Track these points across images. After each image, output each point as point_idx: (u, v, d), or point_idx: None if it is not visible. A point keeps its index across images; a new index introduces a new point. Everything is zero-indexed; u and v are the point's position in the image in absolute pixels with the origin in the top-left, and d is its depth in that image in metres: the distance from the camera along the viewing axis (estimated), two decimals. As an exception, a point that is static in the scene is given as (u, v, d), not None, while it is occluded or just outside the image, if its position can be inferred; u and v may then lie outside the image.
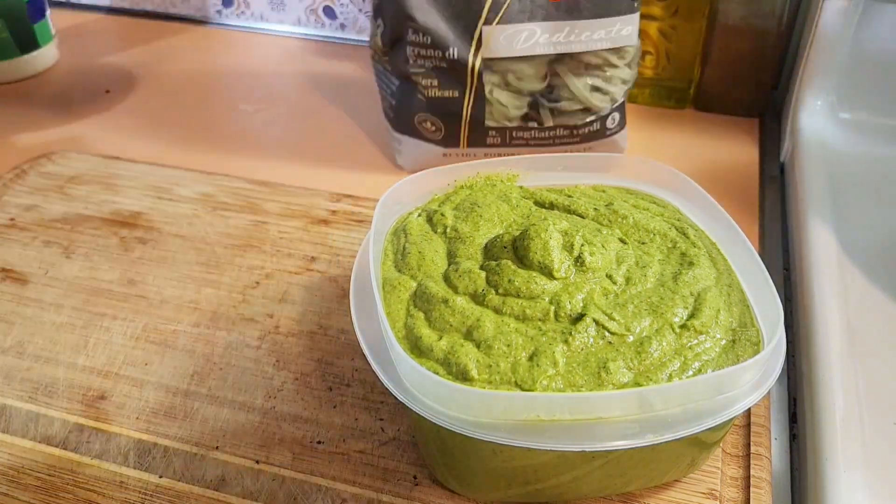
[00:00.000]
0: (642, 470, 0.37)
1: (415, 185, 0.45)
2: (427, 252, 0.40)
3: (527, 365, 0.34)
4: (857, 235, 0.56)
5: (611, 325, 0.35)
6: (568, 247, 0.38)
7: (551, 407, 0.32)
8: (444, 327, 0.36)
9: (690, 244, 0.40)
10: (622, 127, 0.63)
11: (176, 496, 0.40)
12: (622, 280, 0.38)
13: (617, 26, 0.57)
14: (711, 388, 0.33)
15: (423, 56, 0.58)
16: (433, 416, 0.33)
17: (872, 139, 0.66)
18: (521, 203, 0.43)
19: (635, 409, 0.33)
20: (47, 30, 0.82)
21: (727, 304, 0.37)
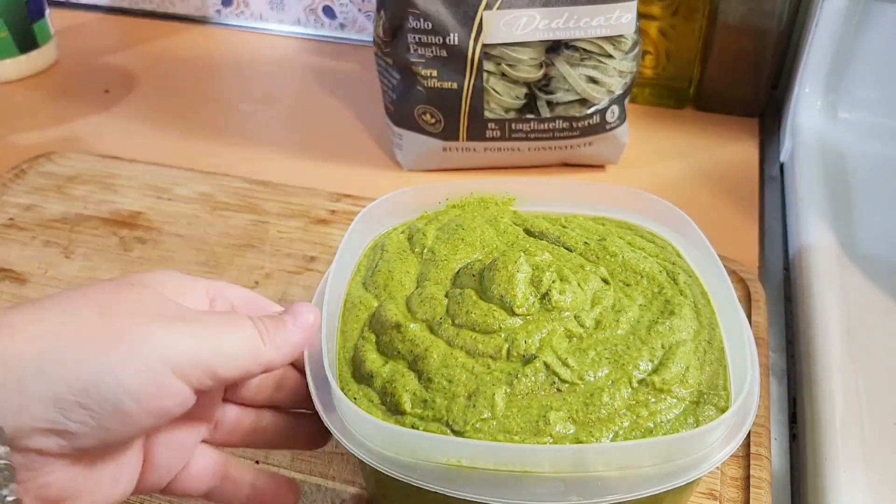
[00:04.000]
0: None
1: (405, 198, 0.43)
2: (397, 272, 0.38)
3: (463, 404, 0.32)
4: (857, 235, 0.56)
5: (562, 371, 0.33)
6: (536, 282, 0.35)
7: (474, 454, 0.29)
8: (392, 353, 0.34)
9: (677, 291, 0.37)
10: (622, 121, 0.63)
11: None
12: (592, 323, 0.35)
13: (616, 13, 0.58)
14: (656, 453, 0.30)
15: (423, 44, 0.58)
16: (354, 448, 0.31)
17: (872, 139, 0.66)
18: (510, 229, 0.41)
19: (568, 467, 0.30)
20: (46, 29, 0.82)
21: (700, 361, 0.34)
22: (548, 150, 0.64)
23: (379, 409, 0.33)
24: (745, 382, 0.32)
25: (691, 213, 0.61)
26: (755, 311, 0.50)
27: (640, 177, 0.66)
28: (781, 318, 0.54)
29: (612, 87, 0.61)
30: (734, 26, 0.68)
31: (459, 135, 0.62)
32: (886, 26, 0.64)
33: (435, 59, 0.59)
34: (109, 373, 0.26)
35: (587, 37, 0.58)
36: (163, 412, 0.27)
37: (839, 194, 0.60)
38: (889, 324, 0.49)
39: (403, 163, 0.66)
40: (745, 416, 0.32)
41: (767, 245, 0.60)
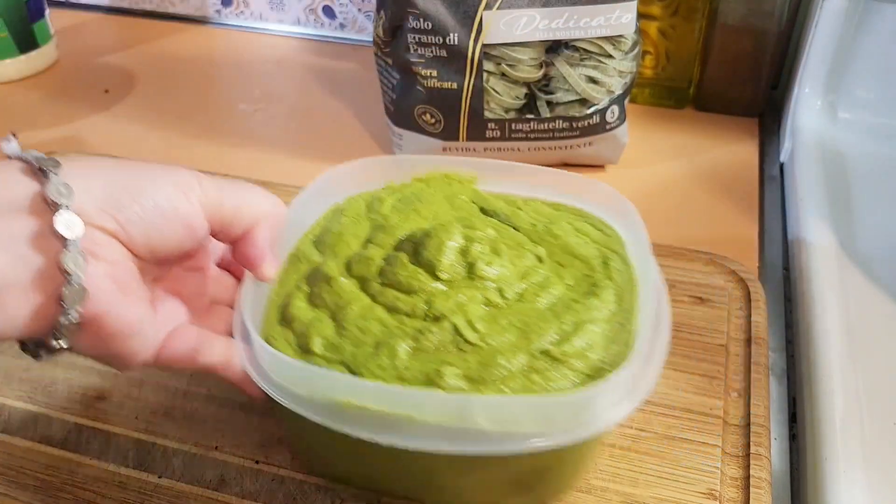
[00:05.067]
0: (455, 481, 0.36)
1: (370, 169, 0.45)
2: (346, 234, 0.41)
3: (368, 352, 0.34)
4: (857, 235, 0.56)
5: (468, 333, 0.34)
6: (465, 252, 0.37)
7: (361, 393, 0.32)
8: (319, 303, 0.37)
9: (605, 276, 0.38)
10: (622, 121, 0.63)
11: (175, 496, 0.40)
12: (514, 295, 0.37)
13: (616, 13, 0.58)
14: (535, 412, 0.31)
15: (423, 44, 0.58)
16: (260, 381, 0.34)
17: (872, 139, 0.66)
18: (466, 206, 0.43)
19: (453, 418, 0.31)
20: (46, 29, 0.82)
21: (607, 340, 0.35)
22: (548, 150, 0.64)
23: (292, 349, 0.36)
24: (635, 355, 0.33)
25: (691, 212, 0.61)
26: (755, 311, 0.50)
27: (640, 177, 0.66)
28: (781, 317, 0.54)
29: (611, 87, 0.61)
30: (734, 26, 0.68)
31: (459, 135, 0.62)
32: (886, 26, 0.64)
33: (435, 59, 0.59)
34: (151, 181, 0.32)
35: (587, 37, 0.59)
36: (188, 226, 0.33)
37: (839, 194, 0.60)
38: (889, 324, 0.49)
39: (403, 163, 0.66)
40: (635, 385, 0.33)
41: (767, 245, 0.60)
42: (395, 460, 0.35)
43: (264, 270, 0.37)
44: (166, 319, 0.36)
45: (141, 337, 0.33)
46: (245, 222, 0.36)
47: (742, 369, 0.46)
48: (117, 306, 0.31)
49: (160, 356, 0.35)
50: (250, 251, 0.37)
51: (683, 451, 0.42)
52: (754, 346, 0.48)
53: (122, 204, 0.31)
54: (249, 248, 0.37)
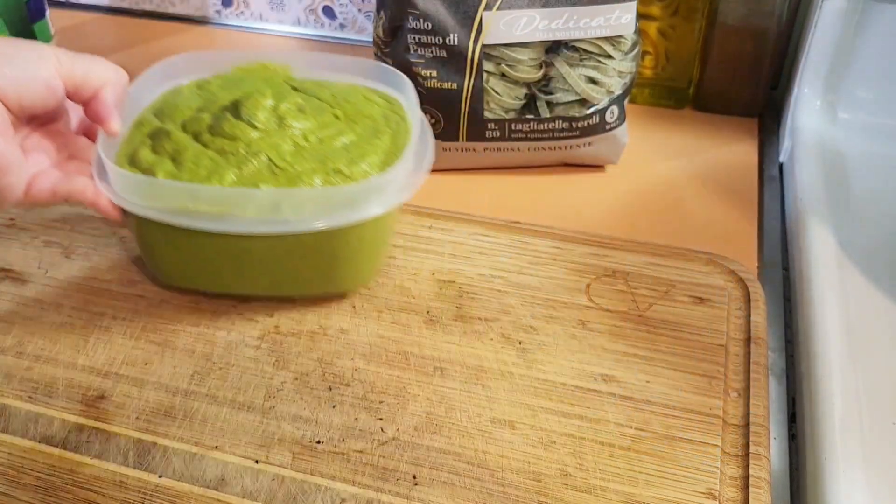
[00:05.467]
0: (281, 268, 0.48)
1: (200, 60, 0.54)
2: (181, 105, 0.50)
3: (203, 178, 0.44)
4: (856, 235, 0.56)
5: (280, 162, 0.45)
6: (276, 109, 0.48)
7: (196, 196, 0.43)
8: (160, 151, 0.46)
9: (386, 126, 0.49)
10: (622, 121, 0.63)
11: (175, 496, 0.40)
12: (315, 140, 0.47)
13: (616, 14, 0.58)
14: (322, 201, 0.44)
15: (423, 44, 0.58)
16: (119, 198, 0.44)
17: (872, 139, 0.66)
18: (279, 84, 0.51)
19: (267, 211, 0.43)
20: (47, 29, 0.82)
21: (383, 164, 0.47)
22: (547, 150, 0.64)
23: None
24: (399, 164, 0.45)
25: (690, 212, 0.61)
26: (754, 311, 0.50)
27: (640, 177, 0.66)
28: (781, 317, 0.54)
29: (611, 88, 0.61)
30: (734, 26, 0.69)
31: (459, 135, 0.62)
32: (886, 27, 0.64)
33: (435, 60, 0.59)
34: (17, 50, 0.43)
35: (587, 37, 0.59)
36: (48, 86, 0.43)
37: (838, 194, 0.60)
38: (888, 323, 0.49)
39: (403, 163, 0.67)
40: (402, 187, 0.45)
41: (766, 245, 0.60)
42: (230, 257, 0.47)
43: (112, 125, 0.46)
44: (33, 164, 0.45)
45: (14, 176, 0.43)
46: (94, 85, 0.45)
47: (742, 369, 0.47)
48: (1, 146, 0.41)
49: (29, 193, 0.44)
50: (99, 109, 0.46)
51: (683, 451, 0.42)
52: (754, 346, 0.48)
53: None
54: (98, 107, 0.46)
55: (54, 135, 0.47)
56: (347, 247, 0.48)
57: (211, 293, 0.52)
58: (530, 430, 0.43)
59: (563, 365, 0.47)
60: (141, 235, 0.49)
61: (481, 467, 0.41)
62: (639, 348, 0.48)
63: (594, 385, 0.46)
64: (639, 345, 0.48)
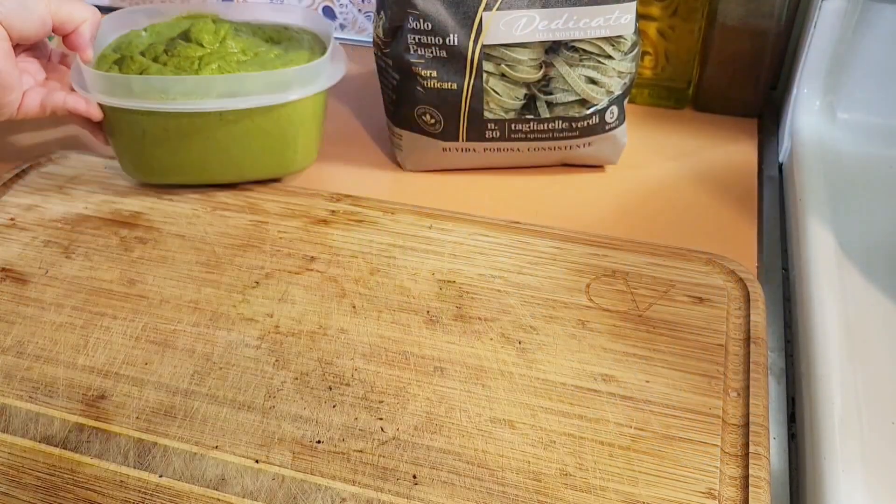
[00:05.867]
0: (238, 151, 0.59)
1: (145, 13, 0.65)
2: (135, 42, 0.61)
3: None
4: (856, 235, 0.56)
5: (227, 68, 0.58)
6: (217, 33, 0.60)
7: (166, 89, 0.55)
8: (127, 72, 0.57)
9: (308, 47, 0.62)
10: (622, 122, 0.63)
11: (176, 495, 0.40)
12: (253, 54, 0.60)
13: (615, 14, 0.58)
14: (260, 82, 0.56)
15: (422, 44, 0.59)
16: (89, 94, 0.56)
17: (871, 139, 0.66)
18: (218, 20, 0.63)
19: (224, 94, 0.56)
20: (47, 30, 0.82)
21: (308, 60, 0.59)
22: (547, 150, 0.64)
23: None
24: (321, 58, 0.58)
25: (690, 213, 0.61)
26: (754, 311, 0.50)
27: (640, 177, 0.66)
28: (780, 317, 0.54)
29: (611, 88, 0.61)
30: (733, 27, 0.69)
31: (459, 135, 0.62)
32: (885, 27, 0.64)
33: (435, 60, 0.59)
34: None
35: (586, 37, 0.59)
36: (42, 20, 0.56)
37: (838, 194, 0.60)
38: (888, 323, 0.49)
39: (403, 163, 0.67)
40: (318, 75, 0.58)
41: (766, 245, 0.60)
42: (195, 146, 0.59)
43: (87, 53, 0.58)
44: (24, 83, 0.57)
45: (15, 93, 0.55)
46: (75, 21, 0.57)
47: (741, 369, 0.47)
48: (7, 66, 0.54)
49: (20, 109, 0.56)
50: (77, 40, 0.58)
51: (683, 451, 0.42)
52: (753, 346, 0.48)
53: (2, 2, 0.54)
54: (76, 38, 0.58)
55: (38, 59, 0.60)
56: (285, 124, 0.59)
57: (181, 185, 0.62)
58: (530, 429, 0.43)
59: (562, 365, 0.47)
60: (115, 134, 0.59)
61: (481, 467, 0.41)
62: (638, 348, 0.48)
63: (594, 385, 0.46)
64: (638, 345, 0.48)
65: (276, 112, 0.58)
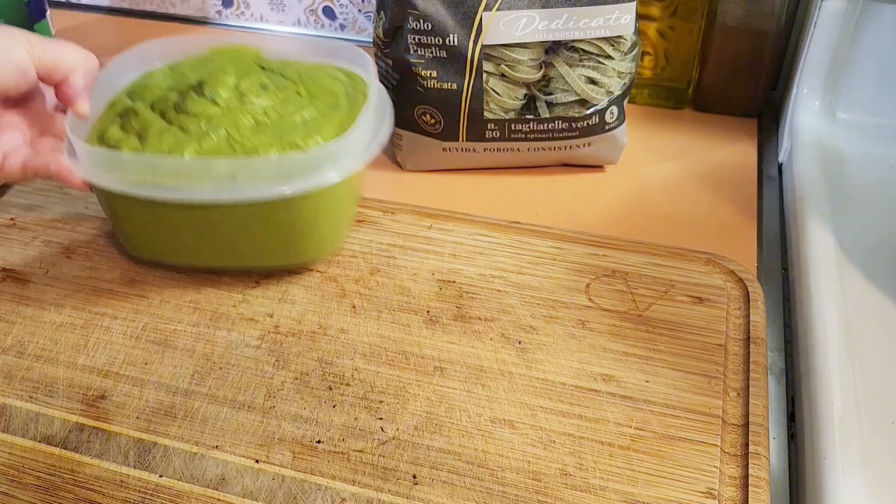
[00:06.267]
0: (243, 239, 0.50)
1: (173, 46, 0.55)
2: (153, 86, 0.51)
3: (164, 153, 0.46)
4: (856, 235, 0.56)
5: (238, 137, 0.47)
6: (238, 86, 0.49)
7: (156, 169, 0.45)
8: (128, 129, 0.48)
9: (346, 101, 0.51)
10: (622, 122, 0.63)
11: (176, 495, 0.40)
12: (276, 117, 0.48)
13: (615, 14, 0.58)
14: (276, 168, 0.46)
15: (423, 45, 0.59)
16: (85, 172, 0.46)
17: (870, 139, 0.66)
18: (247, 64, 0.52)
19: (223, 181, 0.45)
20: (47, 30, 0.82)
21: (336, 136, 0.48)
22: (547, 150, 0.64)
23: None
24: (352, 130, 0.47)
25: (690, 212, 0.61)
26: (753, 311, 0.50)
27: (640, 177, 0.66)
28: (780, 317, 0.54)
29: (611, 88, 0.61)
30: (733, 27, 0.69)
31: (459, 135, 0.63)
32: (884, 27, 0.64)
33: (434, 60, 0.59)
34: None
35: (586, 38, 0.59)
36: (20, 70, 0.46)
37: (837, 194, 0.60)
38: (887, 323, 0.49)
39: (403, 163, 0.67)
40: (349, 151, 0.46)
41: (766, 245, 0.60)
42: (192, 228, 0.49)
43: (79, 107, 0.48)
44: (6, 142, 0.48)
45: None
46: (63, 69, 0.47)
47: (741, 369, 0.47)
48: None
49: (2, 171, 0.47)
50: (68, 92, 0.48)
51: (682, 451, 0.42)
52: (753, 346, 0.48)
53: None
54: (68, 90, 0.48)
55: (28, 113, 0.50)
56: (303, 215, 0.49)
57: (182, 266, 0.54)
58: (530, 429, 0.43)
59: (562, 365, 0.47)
60: (109, 208, 0.52)
61: (481, 467, 0.41)
62: (638, 348, 0.48)
63: (594, 385, 0.46)
64: (638, 345, 0.48)
65: (290, 200, 0.47)
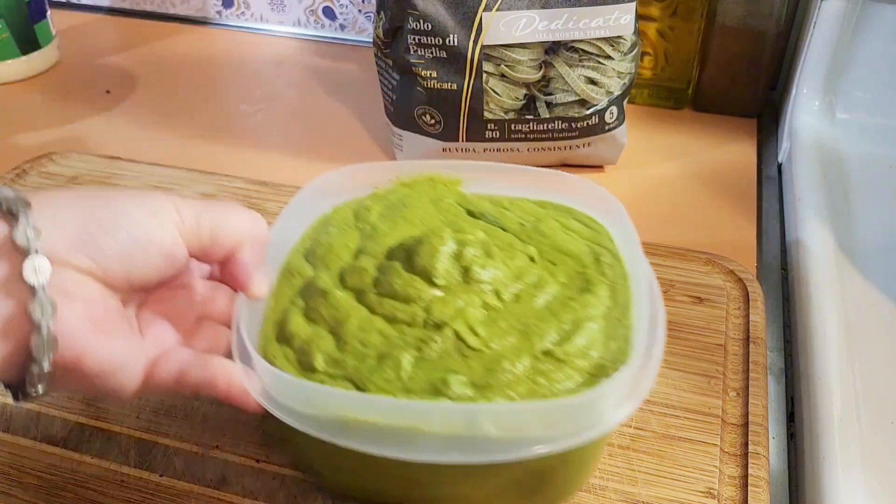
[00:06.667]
0: (460, 488, 0.36)
1: (356, 176, 0.44)
2: (336, 245, 0.40)
3: (372, 365, 0.34)
4: (855, 235, 0.56)
5: (470, 338, 0.35)
6: (459, 256, 0.37)
7: (364, 408, 0.31)
8: (317, 318, 0.37)
9: (598, 272, 0.39)
10: (621, 122, 0.63)
11: (176, 495, 0.40)
12: (510, 297, 0.37)
13: (615, 15, 0.58)
14: (542, 416, 0.31)
15: (422, 45, 0.59)
16: (264, 401, 0.33)
17: (870, 139, 0.66)
18: (452, 209, 0.43)
19: (460, 428, 0.31)
20: (48, 30, 0.82)
21: (606, 338, 0.35)
22: (547, 150, 0.64)
23: (293, 366, 0.35)
24: (635, 355, 0.33)
25: (689, 213, 0.61)
26: (753, 311, 0.50)
27: (639, 177, 0.66)
28: (779, 317, 0.54)
29: (610, 88, 0.61)
30: (732, 27, 0.69)
31: (459, 135, 0.63)
32: (884, 27, 0.64)
33: (434, 60, 0.59)
34: (124, 213, 0.31)
35: (586, 38, 0.59)
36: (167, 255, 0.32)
37: (837, 194, 0.60)
38: (887, 323, 0.49)
39: (403, 163, 0.67)
40: (636, 385, 0.33)
41: (765, 245, 0.60)
42: (401, 470, 0.35)
43: (253, 290, 0.36)
44: (153, 344, 0.34)
45: (127, 370, 0.32)
46: (226, 245, 0.35)
47: (741, 369, 0.47)
48: (95, 347, 0.30)
49: (148, 382, 0.33)
50: (237, 272, 0.36)
51: (682, 450, 0.42)
52: (752, 346, 0.48)
53: (96, 239, 0.30)
54: (236, 269, 0.36)
55: (176, 293, 0.36)
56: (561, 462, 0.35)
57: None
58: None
59: (562, 365, 0.46)
60: (293, 441, 0.39)
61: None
62: (638, 348, 0.48)
63: (594, 385, 0.45)
64: (638, 345, 0.48)
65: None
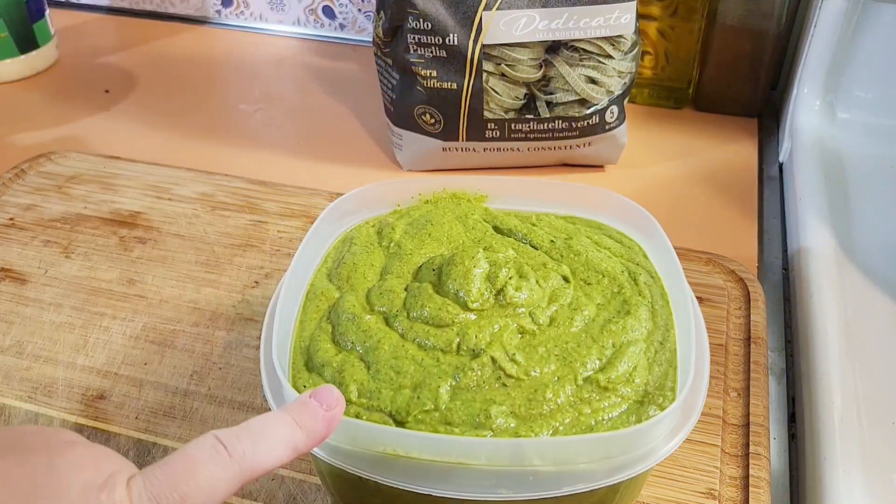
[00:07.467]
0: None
1: (378, 192, 0.43)
2: (361, 265, 0.39)
3: (408, 396, 0.32)
4: (856, 234, 0.56)
5: (509, 366, 0.33)
6: (493, 278, 0.36)
7: (411, 445, 0.30)
8: (346, 344, 0.35)
9: (636, 292, 0.37)
10: (622, 121, 0.63)
11: None
12: (546, 320, 0.35)
13: (615, 14, 0.58)
14: (592, 449, 0.30)
15: (422, 44, 0.58)
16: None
17: (871, 139, 0.66)
18: (479, 226, 0.42)
19: (504, 461, 0.30)
20: (47, 29, 0.82)
21: (650, 362, 0.34)
22: (547, 150, 0.64)
23: None
24: (687, 380, 0.32)
25: (690, 212, 0.61)
26: (754, 311, 0.50)
27: (639, 177, 0.66)
28: (780, 317, 0.54)
29: (611, 88, 0.61)
30: (733, 27, 0.69)
31: (459, 135, 0.62)
32: (885, 27, 0.64)
33: (434, 60, 0.59)
34: None
35: (586, 37, 0.59)
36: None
37: (838, 194, 0.60)
38: (887, 323, 0.49)
39: (403, 163, 0.67)
40: (687, 414, 0.32)
41: (766, 245, 0.60)
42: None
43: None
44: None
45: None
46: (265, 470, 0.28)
47: (741, 369, 0.47)
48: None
49: None
50: None
51: (683, 451, 0.42)
52: (753, 346, 0.48)
53: None
54: None
55: None
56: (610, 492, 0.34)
57: None
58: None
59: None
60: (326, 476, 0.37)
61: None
62: (638, 348, 0.48)
63: (594, 385, 0.45)
64: (638, 345, 0.48)
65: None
